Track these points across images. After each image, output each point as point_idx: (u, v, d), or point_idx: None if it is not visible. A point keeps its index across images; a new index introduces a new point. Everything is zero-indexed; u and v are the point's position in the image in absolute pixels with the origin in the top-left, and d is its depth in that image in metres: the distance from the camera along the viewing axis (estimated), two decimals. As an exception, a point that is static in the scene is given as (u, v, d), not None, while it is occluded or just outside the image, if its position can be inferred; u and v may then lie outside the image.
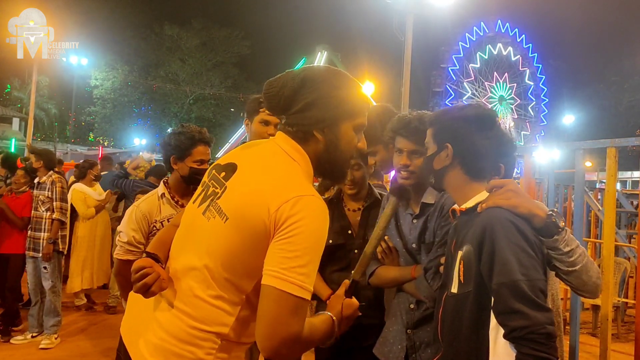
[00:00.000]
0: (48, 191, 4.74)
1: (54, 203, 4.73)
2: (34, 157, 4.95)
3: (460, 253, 1.40)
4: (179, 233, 1.44)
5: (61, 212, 4.74)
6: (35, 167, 4.85)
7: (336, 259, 2.47)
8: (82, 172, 6.00)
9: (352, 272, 1.61)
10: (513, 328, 1.22)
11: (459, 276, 1.39)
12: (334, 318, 1.37)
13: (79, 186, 5.85)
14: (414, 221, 1.96)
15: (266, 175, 1.29)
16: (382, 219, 1.67)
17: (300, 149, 1.36)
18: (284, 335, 1.16)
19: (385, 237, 2.01)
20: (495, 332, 1.30)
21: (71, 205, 5.54)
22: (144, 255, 1.41)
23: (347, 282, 1.55)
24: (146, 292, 1.30)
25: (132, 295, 1.35)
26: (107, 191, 5.93)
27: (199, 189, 1.45)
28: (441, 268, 1.71)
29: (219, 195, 1.33)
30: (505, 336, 1.26)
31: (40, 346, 4.52)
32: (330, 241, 2.43)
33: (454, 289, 1.40)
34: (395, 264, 1.99)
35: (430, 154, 1.57)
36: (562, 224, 1.37)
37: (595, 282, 1.41)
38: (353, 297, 1.48)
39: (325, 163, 1.39)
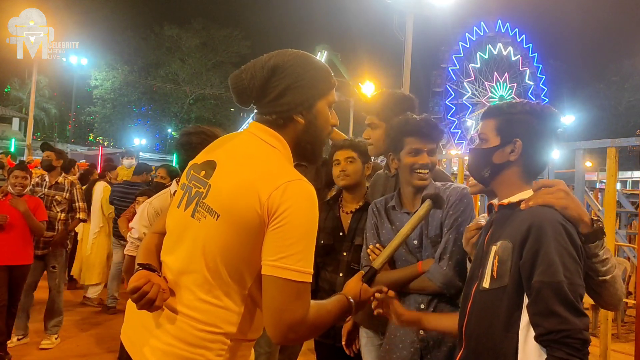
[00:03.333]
0: (67, 192, 4.73)
1: (78, 204, 4.78)
2: (54, 156, 4.89)
3: (494, 248, 1.36)
4: (168, 239, 1.42)
5: (84, 212, 4.88)
6: (55, 166, 4.82)
7: (327, 259, 2.49)
8: (103, 173, 6.64)
9: (373, 261, 1.62)
10: (549, 330, 1.20)
11: (491, 271, 1.35)
12: (351, 300, 1.40)
13: (107, 184, 6.27)
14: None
15: (250, 166, 1.29)
16: (414, 219, 1.66)
17: (277, 135, 1.35)
18: (289, 322, 1.19)
19: (377, 245, 2.01)
20: (526, 331, 1.26)
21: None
22: (138, 267, 1.37)
23: (361, 272, 1.56)
24: (150, 307, 1.28)
25: (131, 302, 1.34)
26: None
27: (180, 191, 1.43)
28: (470, 233, 1.68)
29: (204, 194, 1.31)
30: (537, 337, 1.23)
31: (41, 346, 4.47)
32: (322, 242, 2.45)
33: (486, 284, 1.37)
34: (387, 268, 1.97)
35: (491, 146, 1.49)
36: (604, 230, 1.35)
37: (620, 297, 1.41)
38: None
39: (307, 144, 1.39)
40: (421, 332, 1.88)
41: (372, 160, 2.55)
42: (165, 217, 1.47)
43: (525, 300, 1.28)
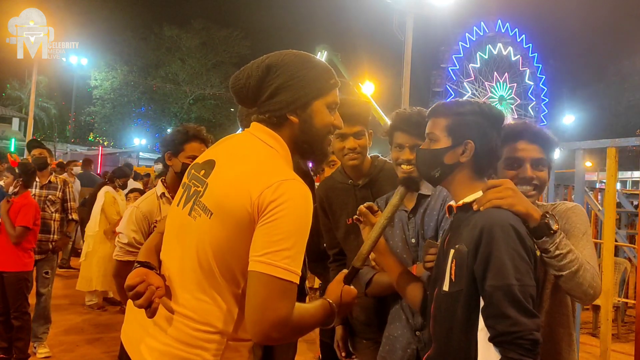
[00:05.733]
0: (60, 191, 4.60)
1: (69, 203, 4.67)
2: (48, 153, 4.78)
3: (452, 251, 1.38)
4: (167, 237, 1.43)
5: (76, 212, 4.77)
6: (49, 163, 4.68)
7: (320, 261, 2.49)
8: (111, 178, 6.35)
9: (353, 259, 1.60)
10: (501, 332, 1.22)
11: (450, 274, 1.37)
12: (332, 303, 1.37)
13: (111, 190, 6.11)
14: (410, 216, 1.96)
15: (245, 165, 1.30)
16: (388, 208, 1.64)
17: (275, 135, 1.35)
18: (272, 320, 1.16)
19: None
20: (484, 333, 1.28)
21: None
22: (137, 265, 1.38)
23: (345, 271, 1.53)
24: (146, 307, 1.28)
25: (131, 302, 1.34)
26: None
27: (180, 190, 1.44)
28: (429, 257, 1.69)
29: (201, 193, 1.32)
30: (490, 339, 1.25)
31: (42, 356, 4.31)
32: (325, 245, 2.43)
33: (445, 286, 1.39)
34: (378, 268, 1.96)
35: (442, 147, 1.48)
36: (555, 227, 1.37)
37: (584, 291, 1.42)
38: (352, 285, 1.48)
39: (304, 143, 1.39)
40: (417, 333, 1.89)
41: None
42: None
43: (482, 303, 1.30)
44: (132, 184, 7.39)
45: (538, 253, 1.40)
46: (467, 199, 1.45)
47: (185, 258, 1.31)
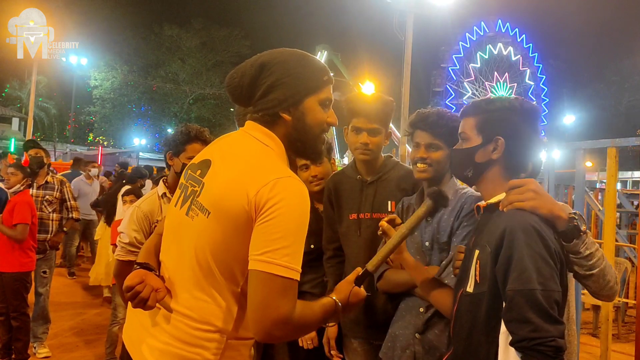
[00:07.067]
0: (57, 191, 4.60)
1: (69, 203, 4.68)
2: (45, 153, 4.77)
3: (477, 252, 1.36)
4: (165, 238, 1.43)
5: (77, 211, 4.77)
6: (46, 163, 4.68)
7: (317, 263, 2.40)
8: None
9: (367, 263, 1.57)
10: (523, 338, 1.19)
11: (475, 275, 1.34)
12: (339, 303, 1.35)
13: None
14: (429, 219, 1.93)
15: (241, 164, 1.30)
16: (412, 219, 1.58)
17: (270, 133, 1.35)
18: (274, 317, 1.16)
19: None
20: (506, 337, 1.25)
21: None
22: (136, 267, 1.38)
23: (359, 269, 1.49)
24: (144, 306, 1.29)
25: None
26: None
27: (177, 191, 1.44)
28: (458, 263, 1.68)
29: (198, 193, 1.33)
30: (512, 344, 1.22)
31: (39, 356, 4.30)
32: (312, 246, 2.37)
33: (470, 288, 1.36)
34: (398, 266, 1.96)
35: (472, 145, 1.46)
36: (584, 227, 1.33)
37: (612, 287, 1.39)
38: (362, 287, 1.46)
39: (297, 141, 1.38)
40: (417, 335, 1.88)
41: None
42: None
43: (503, 306, 1.27)
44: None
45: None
46: (493, 200, 1.43)
47: (183, 257, 1.32)
